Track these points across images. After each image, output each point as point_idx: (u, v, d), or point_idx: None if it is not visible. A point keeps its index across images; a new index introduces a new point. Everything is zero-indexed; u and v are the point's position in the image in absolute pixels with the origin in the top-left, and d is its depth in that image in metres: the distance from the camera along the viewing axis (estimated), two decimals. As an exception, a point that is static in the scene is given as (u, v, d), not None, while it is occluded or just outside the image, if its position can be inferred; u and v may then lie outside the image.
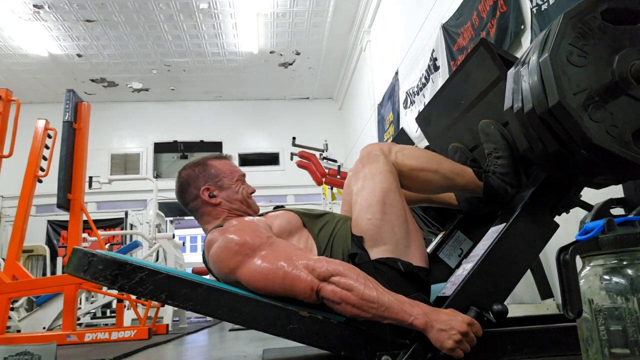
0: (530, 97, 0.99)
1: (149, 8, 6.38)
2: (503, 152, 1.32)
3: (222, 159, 1.44)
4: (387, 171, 1.22)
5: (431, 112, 1.69)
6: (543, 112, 0.97)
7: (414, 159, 1.27)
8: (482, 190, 1.33)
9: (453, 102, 1.54)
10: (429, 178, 1.29)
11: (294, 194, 8.79)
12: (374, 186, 1.20)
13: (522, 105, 1.02)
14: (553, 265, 1.32)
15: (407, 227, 1.20)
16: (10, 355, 1.21)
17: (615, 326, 0.74)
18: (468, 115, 1.49)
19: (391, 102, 5.50)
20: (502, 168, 1.31)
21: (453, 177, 1.31)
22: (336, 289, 1.02)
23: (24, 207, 3.24)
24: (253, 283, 1.10)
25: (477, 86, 1.41)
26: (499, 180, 1.31)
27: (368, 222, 1.18)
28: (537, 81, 0.97)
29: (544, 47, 0.98)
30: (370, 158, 1.25)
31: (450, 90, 1.55)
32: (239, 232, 1.17)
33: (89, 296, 5.10)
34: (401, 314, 1.00)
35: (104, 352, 2.18)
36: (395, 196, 1.21)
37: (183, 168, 1.42)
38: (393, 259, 1.16)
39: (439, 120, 1.66)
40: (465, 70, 1.45)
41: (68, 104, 3.44)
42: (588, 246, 0.79)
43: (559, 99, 0.92)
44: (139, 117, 9.17)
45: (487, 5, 3.13)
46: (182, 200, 1.41)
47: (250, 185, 1.46)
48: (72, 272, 1.09)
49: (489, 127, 1.35)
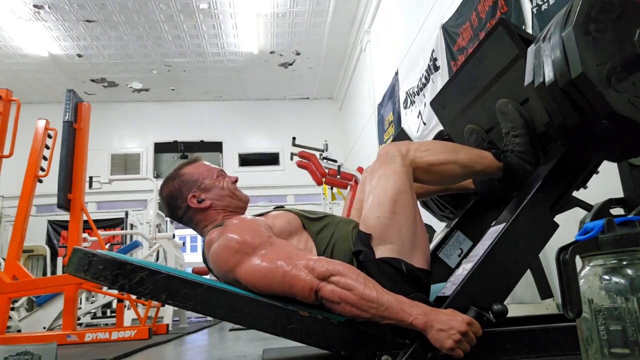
0: (552, 70, 1.01)
1: (149, 8, 6.38)
2: (521, 130, 1.33)
3: (194, 163, 1.43)
4: (403, 172, 1.23)
5: (446, 95, 1.70)
6: (565, 83, 0.98)
7: (432, 154, 1.28)
8: (501, 171, 1.34)
9: (469, 84, 1.55)
10: (449, 170, 1.30)
11: (294, 194, 8.79)
12: (386, 185, 1.21)
13: (543, 78, 1.04)
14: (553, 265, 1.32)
15: (415, 230, 1.20)
16: (10, 355, 1.21)
17: (615, 326, 0.74)
18: (484, 97, 1.50)
19: (391, 102, 5.50)
20: (520, 146, 1.32)
21: (472, 164, 1.32)
22: (335, 288, 1.02)
23: (24, 207, 3.24)
24: (252, 282, 1.10)
25: (494, 66, 1.42)
26: (517, 159, 1.32)
27: (377, 220, 1.19)
28: (559, 54, 0.99)
29: (566, 21, 1.00)
30: (387, 158, 1.25)
31: (467, 72, 1.55)
32: (239, 231, 1.17)
33: (89, 296, 5.10)
34: (401, 313, 1.00)
35: (104, 352, 2.18)
36: (407, 198, 1.21)
37: (161, 188, 1.41)
38: (397, 259, 1.16)
39: (454, 103, 1.66)
40: (482, 51, 1.46)
41: (68, 104, 3.44)
42: (588, 246, 0.79)
43: (582, 70, 0.94)
44: (139, 117, 9.17)
45: (486, 6, 3.13)
46: (174, 216, 1.40)
47: (232, 175, 1.45)
48: (72, 272, 1.09)
49: (506, 106, 1.36)
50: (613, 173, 1.52)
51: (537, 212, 1.16)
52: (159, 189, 1.43)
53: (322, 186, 4.88)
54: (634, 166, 1.44)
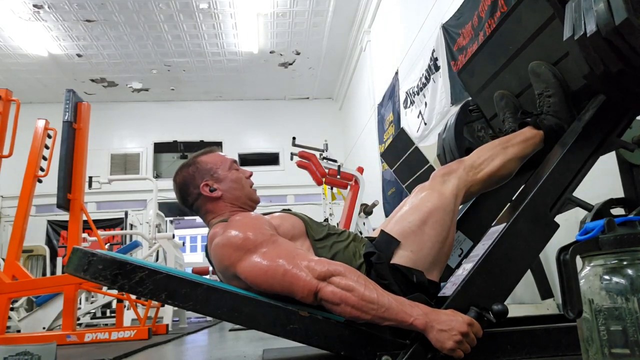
0: (595, 20, 1.03)
1: (149, 8, 6.38)
2: (554, 90, 1.35)
3: (210, 153, 1.43)
4: (452, 195, 1.24)
5: (475, 63, 1.71)
6: (608, 32, 1.00)
7: (487, 164, 1.31)
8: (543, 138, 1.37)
9: (500, 50, 1.56)
10: (507, 169, 1.34)
11: (294, 194, 8.79)
12: (429, 199, 1.23)
13: (584, 30, 1.05)
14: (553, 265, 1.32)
15: (442, 249, 1.21)
16: (10, 355, 1.21)
17: (615, 326, 0.74)
18: (516, 61, 1.51)
19: (391, 102, 5.50)
20: (555, 106, 1.35)
21: (522, 151, 1.35)
22: (336, 289, 1.02)
23: (24, 207, 3.24)
24: (252, 279, 1.10)
25: (527, 28, 1.43)
26: (554, 119, 1.35)
27: (406, 225, 1.20)
28: (602, 4, 1.01)
29: None
30: (441, 181, 1.27)
31: (498, 37, 1.56)
32: (242, 227, 1.17)
33: (88, 296, 5.09)
34: (401, 314, 0.99)
35: (104, 352, 2.18)
36: (445, 218, 1.21)
37: (176, 173, 1.41)
38: (411, 269, 1.16)
39: (483, 70, 1.67)
40: (515, 14, 1.47)
41: (68, 104, 3.44)
42: (588, 246, 0.79)
43: (627, 16, 0.96)
44: (139, 117, 9.17)
45: (485, 5, 3.13)
46: (185, 203, 1.40)
47: (246, 170, 1.45)
48: (72, 272, 1.09)
49: (539, 68, 1.38)
50: (613, 173, 1.52)
51: (538, 212, 1.15)
52: (174, 175, 1.43)
53: (322, 186, 4.88)
54: (634, 166, 1.44)
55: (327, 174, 4.66)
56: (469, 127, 1.78)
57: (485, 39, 1.63)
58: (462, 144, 1.73)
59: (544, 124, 1.35)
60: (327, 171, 4.67)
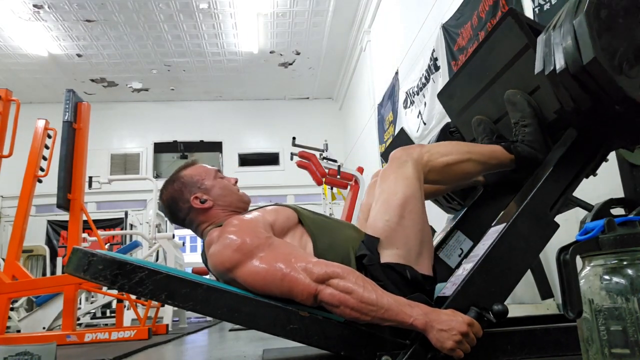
0: (563, 57, 1.02)
1: (149, 8, 6.38)
2: (530, 120, 1.34)
3: (192, 166, 1.42)
4: (414, 178, 1.23)
5: (454, 87, 1.70)
6: (577, 70, 0.99)
7: (446, 155, 1.29)
8: (514, 163, 1.36)
9: (477, 75, 1.56)
10: (464, 169, 1.31)
11: (294, 194, 8.78)
12: (396, 189, 1.21)
13: (554, 66, 1.04)
14: (553, 265, 1.31)
15: (422, 237, 1.21)
16: (10, 355, 1.21)
17: (615, 326, 0.74)
18: (492, 88, 1.51)
19: (391, 102, 5.50)
20: (529, 136, 1.34)
21: (486, 159, 1.34)
22: (335, 292, 1.02)
23: (24, 207, 3.24)
24: (251, 283, 1.10)
25: (503, 57, 1.43)
26: (528, 148, 1.34)
27: (385, 223, 1.19)
28: (571, 41, 1.00)
29: (577, 9, 1.01)
30: (399, 163, 1.25)
31: (475, 62, 1.56)
32: (238, 232, 1.16)
33: (88, 296, 5.10)
34: (401, 315, 0.99)
35: (104, 352, 2.18)
36: (417, 204, 1.21)
37: (162, 192, 1.40)
38: (402, 265, 1.16)
39: (462, 94, 1.67)
40: (491, 41, 1.46)
41: (68, 104, 3.44)
42: (588, 246, 0.79)
43: (594, 56, 0.95)
44: (139, 117, 9.17)
45: (486, 6, 3.13)
46: (176, 219, 1.39)
47: (231, 177, 1.45)
48: (72, 272, 1.09)
49: (515, 97, 1.37)
50: (613, 173, 1.52)
51: (538, 212, 1.15)
52: (159, 193, 1.42)
53: (322, 186, 4.88)
54: (634, 166, 1.44)
55: (327, 174, 4.66)
56: None
57: (463, 63, 1.62)
58: None
59: (517, 151, 1.34)
60: (327, 171, 4.67)
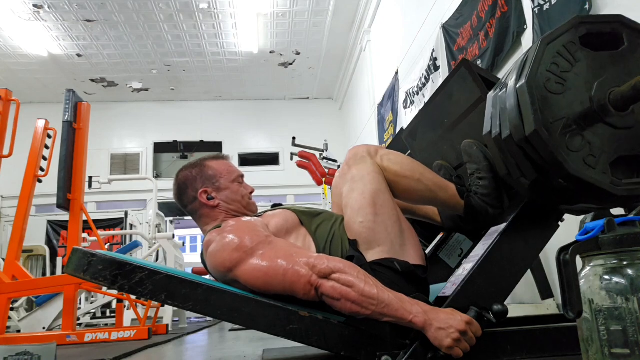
0: (508, 123, 0.98)
1: (149, 8, 6.38)
2: (485, 174, 1.29)
3: (219, 159, 1.43)
4: (375, 172, 1.22)
5: (417, 126, 1.68)
6: (520, 139, 0.95)
7: (398, 165, 1.27)
8: (463, 208, 1.32)
9: (437, 120, 1.53)
10: (411, 186, 1.27)
11: (294, 194, 8.78)
12: (363, 188, 1.20)
13: (500, 131, 1.01)
14: (553, 265, 1.31)
15: (401, 226, 1.21)
16: (10, 355, 1.21)
17: (615, 326, 0.74)
18: (452, 134, 1.48)
19: (391, 102, 5.50)
20: (483, 189, 1.29)
21: (435, 189, 1.30)
22: (336, 285, 1.02)
23: (24, 207, 3.24)
24: (252, 281, 1.10)
25: (459, 105, 1.40)
26: (480, 201, 1.29)
27: (360, 225, 1.18)
28: (514, 108, 0.95)
29: (521, 72, 0.96)
30: (357, 159, 1.25)
31: (435, 107, 1.53)
32: (237, 232, 1.17)
33: (88, 296, 5.10)
34: (400, 311, 1.00)
35: (104, 352, 2.18)
36: (386, 196, 1.21)
37: (180, 170, 1.41)
38: (389, 259, 1.16)
39: (424, 135, 1.65)
40: (448, 89, 1.44)
41: (68, 103, 3.44)
42: (588, 246, 0.79)
43: (535, 128, 0.91)
44: (139, 117, 9.17)
45: (486, 5, 3.13)
46: (181, 203, 1.40)
47: (249, 185, 1.45)
48: (72, 272, 1.09)
49: (471, 148, 1.33)
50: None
51: (538, 212, 1.15)
52: (178, 171, 1.42)
53: (322, 186, 4.88)
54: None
55: (327, 174, 4.66)
56: None
57: (423, 107, 1.60)
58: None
59: (469, 201, 1.31)
60: (327, 171, 4.67)
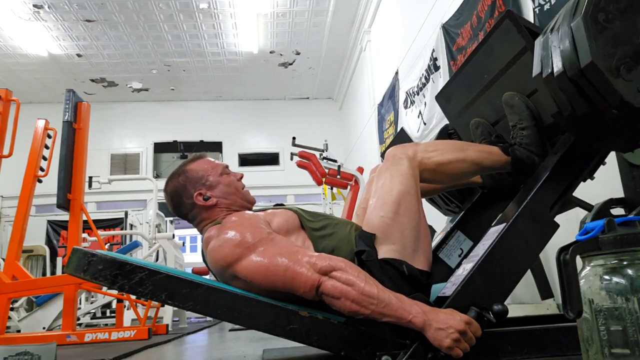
0: (560, 60, 1.01)
1: (149, 8, 6.38)
2: (528, 123, 1.33)
3: (198, 160, 1.41)
4: (409, 175, 1.23)
5: (452, 89, 1.69)
6: (574, 73, 0.98)
7: (440, 154, 1.29)
8: (509, 165, 1.35)
9: (475, 78, 1.55)
10: (458, 168, 1.30)
11: (294, 194, 8.79)
12: (392, 186, 1.22)
13: (552, 69, 1.04)
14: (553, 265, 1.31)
15: (418, 233, 1.21)
16: (10, 355, 1.21)
17: (615, 326, 0.74)
18: (491, 90, 1.50)
19: (391, 102, 5.50)
20: (527, 139, 1.33)
21: (481, 160, 1.33)
22: (337, 283, 1.03)
23: (24, 207, 3.24)
24: (252, 277, 1.10)
25: (501, 59, 1.42)
26: (525, 152, 1.32)
27: (380, 219, 1.19)
28: (568, 44, 0.99)
29: (574, 12, 1.00)
30: (395, 160, 1.26)
31: (473, 65, 1.55)
32: (239, 227, 1.17)
33: (88, 296, 5.10)
34: (400, 311, 1.00)
35: (104, 352, 2.18)
36: (412, 200, 1.21)
37: (166, 184, 1.39)
38: (399, 260, 1.16)
39: (460, 97, 1.66)
40: (489, 44, 1.45)
41: (68, 103, 3.44)
42: (588, 246, 0.79)
43: (591, 59, 0.94)
44: (139, 117, 9.17)
45: (485, 5, 3.13)
46: (180, 214, 1.38)
47: (236, 172, 1.44)
48: (72, 272, 1.09)
49: (513, 99, 1.36)
50: (613, 173, 1.52)
51: (538, 212, 1.15)
52: (164, 185, 1.41)
53: (322, 186, 4.88)
54: (634, 166, 1.44)
55: (327, 174, 4.66)
56: None
57: (460, 66, 1.61)
58: None
59: (515, 154, 1.34)
60: (327, 171, 4.67)
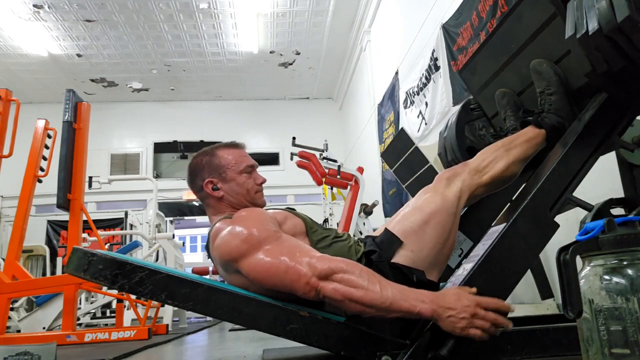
0: (596, 18, 1.03)
1: (149, 8, 6.38)
2: (555, 88, 1.35)
3: (231, 148, 1.41)
4: (454, 197, 1.25)
5: (477, 61, 1.70)
6: (610, 29, 1.00)
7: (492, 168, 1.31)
8: (545, 138, 1.36)
9: (501, 48, 1.56)
10: (510, 172, 1.33)
11: (294, 194, 8.79)
12: (431, 200, 1.24)
13: (586, 29, 1.05)
14: (553, 265, 1.31)
15: (439, 252, 1.21)
16: (10, 355, 1.21)
17: (615, 326, 0.74)
18: (517, 59, 1.51)
19: (391, 102, 5.50)
20: (556, 104, 1.34)
21: (526, 152, 1.35)
22: (338, 286, 1.01)
23: (24, 207, 3.24)
24: (254, 275, 1.10)
25: (529, 27, 1.43)
26: (555, 117, 1.34)
27: (408, 224, 1.21)
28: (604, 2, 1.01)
29: None
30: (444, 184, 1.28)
31: (499, 35, 1.56)
32: (247, 223, 1.17)
33: (88, 296, 5.09)
34: (406, 305, 0.98)
35: (104, 352, 2.18)
36: (447, 220, 1.22)
37: (194, 156, 1.41)
38: (411, 268, 1.16)
39: (484, 69, 1.67)
40: (517, 11, 1.46)
41: (68, 103, 3.44)
42: (588, 246, 0.79)
43: (629, 13, 0.96)
44: (139, 117, 9.17)
45: (486, 5, 3.13)
46: (191, 188, 1.41)
47: (260, 176, 1.43)
48: (72, 272, 1.09)
49: (541, 66, 1.38)
50: (613, 173, 1.52)
51: (538, 212, 1.15)
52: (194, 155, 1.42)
53: (322, 186, 4.87)
54: (634, 166, 1.44)
55: (327, 174, 4.66)
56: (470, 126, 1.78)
57: (486, 38, 1.62)
58: (463, 143, 1.73)
59: (545, 123, 1.35)
60: (327, 171, 4.67)
